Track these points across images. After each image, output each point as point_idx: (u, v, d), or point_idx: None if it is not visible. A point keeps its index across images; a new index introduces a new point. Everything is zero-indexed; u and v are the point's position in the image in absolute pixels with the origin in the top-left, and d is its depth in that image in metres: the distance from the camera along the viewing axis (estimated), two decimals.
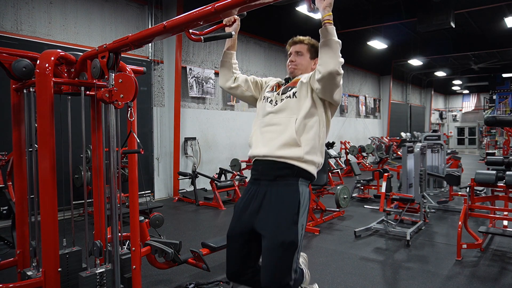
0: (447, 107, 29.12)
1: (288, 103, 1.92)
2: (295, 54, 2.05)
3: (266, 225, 1.83)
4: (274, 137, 1.88)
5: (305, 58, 2.04)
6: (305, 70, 2.03)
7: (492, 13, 11.34)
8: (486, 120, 4.77)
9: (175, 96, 7.91)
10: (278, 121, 1.91)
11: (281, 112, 1.93)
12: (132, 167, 2.63)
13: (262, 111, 2.05)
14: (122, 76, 2.01)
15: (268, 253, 1.80)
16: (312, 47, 2.06)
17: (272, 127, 1.92)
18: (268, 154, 1.87)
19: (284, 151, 1.84)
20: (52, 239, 2.17)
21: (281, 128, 1.88)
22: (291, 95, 1.93)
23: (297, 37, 2.08)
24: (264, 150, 1.89)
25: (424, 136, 8.36)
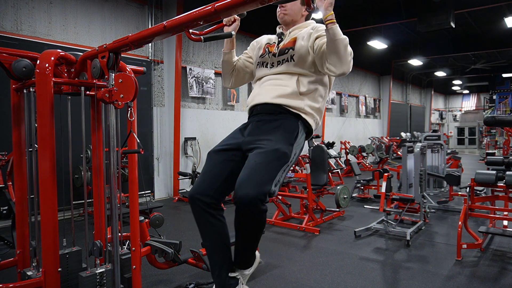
0: (447, 107, 29.12)
1: (288, 66, 1.85)
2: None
3: (259, 139, 1.75)
4: (274, 88, 1.83)
5: (295, 4, 1.93)
6: (295, 16, 1.94)
7: (492, 13, 11.34)
8: (485, 120, 4.76)
9: (175, 96, 7.91)
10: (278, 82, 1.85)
11: (280, 74, 1.87)
12: (132, 167, 2.63)
13: (259, 75, 1.97)
14: (122, 76, 2.01)
15: (256, 156, 1.68)
16: None
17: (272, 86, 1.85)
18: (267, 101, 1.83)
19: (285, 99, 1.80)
20: (52, 239, 2.17)
21: (282, 83, 1.83)
22: (289, 58, 1.85)
23: None
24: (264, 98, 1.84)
25: (424, 136, 8.36)
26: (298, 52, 1.83)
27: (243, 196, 1.56)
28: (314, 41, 1.82)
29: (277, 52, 1.90)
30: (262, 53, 2.00)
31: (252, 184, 1.57)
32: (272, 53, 1.92)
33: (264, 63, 1.95)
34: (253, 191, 1.55)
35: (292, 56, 1.84)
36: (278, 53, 1.89)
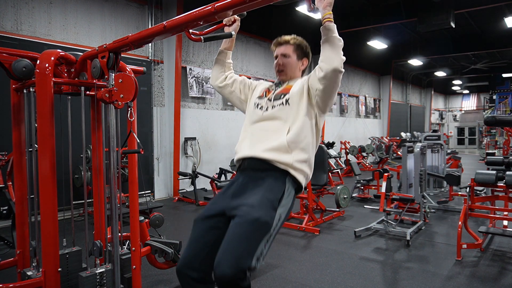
0: (447, 107, 29.13)
1: (281, 111, 1.79)
2: (281, 56, 1.92)
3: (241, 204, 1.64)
4: (263, 140, 1.76)
5: (292, 60, 1.91)
6: (293, 73, 1.91)
7: (492, 13, 11.34)
8: (485, 120, 4.77)
9: (175, 96, 7.91)
10: (269, 127, 1.78)
11: (273, 119, 1.80)
12: (132, 167, 2.64)
13: (251, 117, 1.90)
14: (122, 76, 2.01)
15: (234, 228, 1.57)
16: (298, 47, 1.95)
17: (262, 132, 1.78)
18: (255, 155, 1.74)
19: (273, 154, 1.71)
20: (52, 239, 2.17)
21: (272, 134, 1.76)
22: (284, 102, 1.80)
23: (281, 37, 1.95)
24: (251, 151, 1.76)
25: (424, 136, 8.36)
26: (293, 95, 1.80)
27: (221, 276, 1.47)
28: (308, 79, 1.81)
29: (273, 97, 1.87)
30: (260, 96, 1.96)
31: (230, 262, 1.47)
32: (268, 98, 1.89)
33: (260, 105, 1.90)
34: (231, 270, 1.45)
35: (287, 100, 1.80)
36: (273, 97, 1.87)
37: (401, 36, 14.24)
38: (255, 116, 1.88)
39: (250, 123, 1.91)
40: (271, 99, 1.87)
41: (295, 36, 1.95)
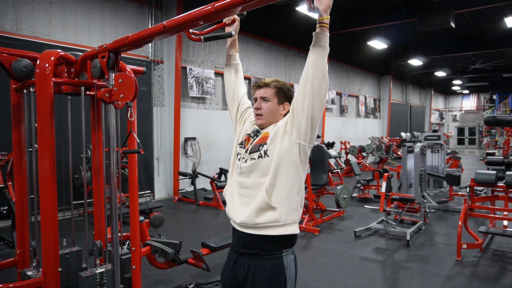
0: (447, 107, 29.13)
1: (259, 163, 1.68)
2: (260, 100, 1.75)
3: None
4: (247, 201, 1.70)
5: (272, 104, 1.75)
6: (273, 117, 1.76)
7: (492, 13, 11.34)
8: (486, 120, 4.77)
9: (175, 96, 7.91)
10: (249, 184, 1.70)
11: (251, 173, 1.71)
12: (132, 167, 2.64)
13: (235, 167, 1.84)
14: (122, 76, 2.01)
15: None
16: (279, 91, 1.77)
17: (244, 190, 1.72)
18: (244, 221, 1.68)
19: (260, 217, 1.64)
20: (52, 239, 2.17)
21: (253, 192, 1.68)
22: (262, 154, 1.68)
23: (261, 80, 1.80)
24: (240, 217, 1.70)
25: (424, 136, 8.36)
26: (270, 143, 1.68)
27: None
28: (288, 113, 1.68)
29: (250, 149, 1.75)
30: (241, 142, 1.85)
31: None
32: (245, 149, 1.77)
33: (239, 155, 1.81)
34: None
35: (266, 151, 1.67)
36: (250, 149, 1.74)
37: (401, 36, 14.25)
38: (237, 168, 1.81)
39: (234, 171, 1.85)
40: (248, 151, 1.75)
41: (277, 79, 1.80)
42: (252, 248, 1.69)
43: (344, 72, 14.94)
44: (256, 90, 1.81)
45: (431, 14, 9.74)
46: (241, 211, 1.70)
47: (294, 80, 12.09)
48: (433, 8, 9.65)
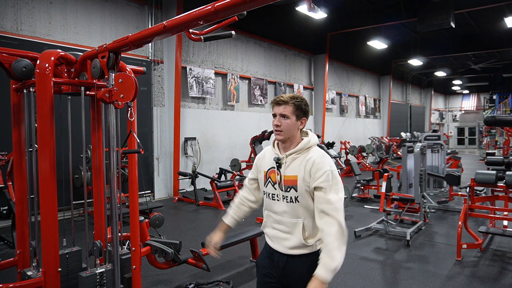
0: (447, 107, 29.14)
1: (292, 208, 1.82)
2: (280, 117, 1.82)
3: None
4: (283, 237, 1.86)
5: (291, 121, 1.82)
6: (291, 133, 1.84)
7: (492, 13, 11.35)
8: (485, 120, 4.77)
9: (175, 96, 7.91)
10: (285, 222, 1.85)
11: (285, 213, 1.84)
12: (132, 167, 2.63)
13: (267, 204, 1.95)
14: (122, 76, 2.01)
15: None
16: (298, 108, 1.83)
17: (280, 226, 1.87)
18: (283, 252, 1.86)
19: (294, 251, 1.83)
20: (52, 239, 2.17)
21: (288, 230, 1.84)
22: (293, 199, 1.81)
23: (280, 97, 1.85)
24: (279, 247, 1.88)
25: (424, 136, 8.36)
26: (301, 194, 1.79)
27: None
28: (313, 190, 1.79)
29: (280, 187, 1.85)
30: (264, 181, 1.93)
31: None
32: (274, 183, 1.87)
33: (269, 194, 1.90)
34: None
35: (296, 198, 1.80)
36: (280, 188, 1.85)
37: (401, 36, 14.25)
38: (269, 205, 1.92)
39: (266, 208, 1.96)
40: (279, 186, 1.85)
41: (294, 95, 1.86)
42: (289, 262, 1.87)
43: (344, 72, 14.94)
44: (274, 106, 1.85)
45: (431, 14, 9.74)
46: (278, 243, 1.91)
47: (294, 80, 12.09)
48: (433, 8, 9.65)
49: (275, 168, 1.86)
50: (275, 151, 1.90)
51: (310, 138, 1.87)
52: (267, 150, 1.99)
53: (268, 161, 1.93)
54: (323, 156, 1.81)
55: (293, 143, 1.85)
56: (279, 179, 1.84)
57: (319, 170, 1.74)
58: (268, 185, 1.89)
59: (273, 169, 1.88)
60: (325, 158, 1.79)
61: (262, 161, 1.99)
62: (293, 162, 1.82)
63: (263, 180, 1.93)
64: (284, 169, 1.83)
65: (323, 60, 12.88)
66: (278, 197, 1.85)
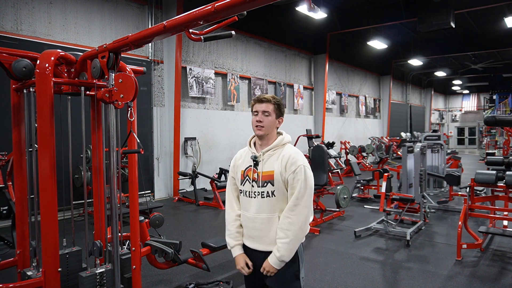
0: (447, 107, 29.14)
1: (268, 203, 1.91)
2: (262, 113, 1.93)
3: (274, 283, 1.97)
4: (261, 235, 1.93)
5: (272, 118, 1.94)
6: (271, 129, 1.96)
7: (492, 13, 11.35)
8: (485, 120, 4.77)
9: (175, 96, 7.91)
10: (260, 220, 1.91)
11: (260, 210, 1.91)
12: (132, 167, 2.63)
13: (243, 202, 2.01)
14: (122, 76, 2.01)
15: None
16: (278, 107, 1.97)
17: (255, 225, 1.93)
18: (262, 250, 1.94)
19: (273, 246, 1.90)
20: (52, 239, 2.17)
21: (264, 227, 1.91)
22: (270, 193, 1.90)
23: (262, 95, 1.97)
24: (257, 246, 1.95)
25: (424, 136, 8.36)
26: (277, 188, 1.89)
27: None
28: (287, 180, 1.90)
29: (257, 183, 1.93)
30: (241, 180, 2.00)
31: None
32: (252, 180, 1.94)
33: (246, 192, 1.96)
34: None
35: (273, 192, 1.90)
36: (257, 184, 1.93)
37: (401, 36, 14.25)
38: (245, 204, 1.98)
39: (243, 208, 2.01)
40: (256, 182, 1.93)
41: (274, 96, 1.98)
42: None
43: (344, 72, 14.94)
44: (256, 104, 1.97)
45: (431, 14, 9.74)
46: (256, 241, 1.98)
47: (294, 80, 12.09)
48: (433, 8, 9.65)
49: (252, 166, 1.95)
50: (251, 150, 2.00)
51: (284, 136, 2.00)
52: (243, 151, 2.09)
53: (245, 161, 2.02)
54: (298, 152, 1.94)
55: (270, 141, 1.97)
56: (256, 176, 1.93)
57: (293, 164, 1.88)
58: (246, 183, 1.97)
59: (250, 167, 1.96)
60: (299, 155, 1.93)
61: (238, 161, 2.07)
62: (269, 158, 1.94)
63: (240, 179, 2.00)
64: (262, 166, 1.93)
65: (323, 60, 12.89)
66: (255, 194, 1.93)
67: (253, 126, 1.96)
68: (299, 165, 1.88)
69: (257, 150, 1.99)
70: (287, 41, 11.52)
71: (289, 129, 11.64)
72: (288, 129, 11.59)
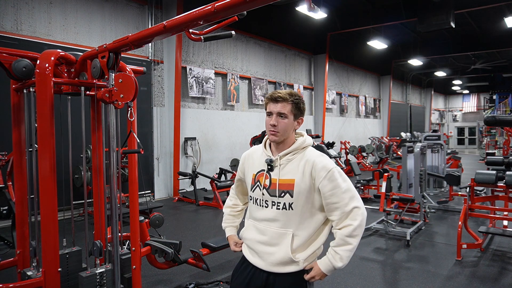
0: (447, 107, 29.14)
1: (284, 216, 1.61)
2: (277, 116, 1.60)
3: None
4: (267, 250, 1.64)
5: (289, 121, 1.61)
6: (287, 134, 1.63)
7: (492, 13, 11.35)
8: (485, 120, 4.77)
9: (175, 96, 7.91)
10: (270, 233, 1.63)
11: (273, 222, 1.63)
12: (132, 167, 2.63)
13: (252, 211, 1.74)
14: (122, 76, 2.01)
15: None
16: (296, 106, 1.63)
17: (263, 238, 1.65)
18: (264, 268, 1.65)
19: (281, 268, 1.63)
20: (52, 239, 2.17)
21: (273, 242, 1.62)
22: (286, 206, 1.60)
23: (277, 92, 1.63)
24: (260, 263, 1.66)
25: (424, 136, 8.36)
26: (296, 200, 1.59)
27: None
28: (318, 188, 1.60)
29: (270, 192, 1.64)
30: (252, 185, 1.71)
31: None
32: (264, 188, 1.65)
33: (257, 200, 1.68)
34: None
35: (291, 204, 1.60)
36: (270, 193, 1.63)
37: (401, 36, 14.25)
38: (255, 213, 1.71)
39: (253, 214, 1.74)
40: (268, 190, 1.64)
41: (292, 92, 1.64)
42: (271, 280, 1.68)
43: (344, 72, 14.94)
44: (270, 103, 1.64)
45: (431, 14, 9.74)
46: (261, 258, 1.70)
47: (294, 80, 12.09)
48: (433, 8, 9.65)
49: (265, 171, 1.67)
50: (266, 153, 1.70)
51: (305, 138, 1.70)
52: (256, 150, 1.79)
53: (257, 162, 1.73)
54: (322, 155, 1.65)
55: (287, 144, 1.67)
56: (268, 183, 1.64)
57: (322, 170, 1.58)
58: (256, 189, 1.68)
59: (262, 172, 1.68)
60: (324, 157, 1.64)
61: (249, 161, 1.79)
62: (288, 164, 1.64)
63: (251, 184, 1.72)
64: (279, 172, 1.64)
65: (323, 60, 12.89)
66: (267, 203, 1.64)
67: (267, 129, 1.65)
68: (330, 169, 1.58)
69: (272, 153, 1.69)
70: (287, 41, 11.52)
71: None
72: None
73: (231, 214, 1.95)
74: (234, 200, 1.97)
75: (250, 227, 1.72)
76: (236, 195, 1.97)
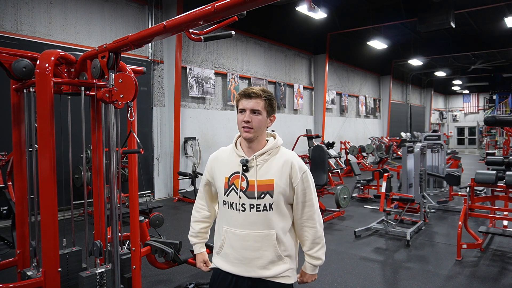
0: (447, 107, 29.14)
1: (265, 218, 1.57)
2: (250, 112, 1.58)
3: None
4: (253, 256, 1.58)
5: (263, 118, 1.60)
6: (261, 131, 1.61)
7: (492, 13, 11.35)
8: (485, 120, 4.77)
9: (175, 96, 7.91)
10: (253, 237, 1.58)
11: (254, 225, 1.58)
12: (132, 167, 2.63)
13: (228, 216, 1.64)
14: (122, 76, 2.01)
15: None
16: (269, 103, 1.62)
17: (247, 243, 1.58)
18: (249, 275, 1.59)
19: (271, 271, 1.59)
20: (52, 239, 2.17)
21: (259, 246, 1.58)
22: (267, 207, 1.57)
23: (250, 89, 1.60)
24: (243, 270, 1.60)
25: (424, 136, 8.36)
26: (276, 200, 1.58)
27: None
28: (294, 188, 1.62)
29: (247, 194, 1.58)
30: (226, 189, 1.63)
31: None
32: (240, 190, 1.59)
33: (232, 204, 1.60)
34: None
35: (271, 205, 1.57)
36: (248, 195, 1.58)
37: (401, 36, 14.25)
38: (231, 219, 1.63)
39: (225, 221, 1.66)
40: (246, 192, 1.59)
41: (264, 89, 1.64)
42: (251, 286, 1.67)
43: (344, 72, 14.94)
44: (243, 99, 1.61)
45: (431, 14, 9.74)
46: (247, 264, 1.66)
47: (294, 80, 12.09)
48: (433, 8, 9.65)
49: (240, 172, 1.61)
50: (238, 153, 1.65)
51: (278, 138, 1.69)
52: (224, 151, 1.73)
53: (228, 164, 1.66)
54: (296, 156, 1.68)
55: (260, 143, 1.64)
56: (245, 185, 1.59)
57: (299, 170, 1.61)
58: (231, 193, 1.61)
59: (237, 174, 1.61)
60: (300, 159, 1.67)
61: (218, 163, 1.71)
62: (265, 164, 1.61)
63: (223, 187, 1.64)
64: (256, 173, 1.59)
65: (323, 60, 12.89)
66: (244, 206, 1.58)
67: (239, 127, 1.62)
68: (305, 170, 1.63)
69: (245, 154, 1.64)
70: (287, 41, 11.52)
71: (289, 129, 11.64)
72: (288, 129, 11.59)
73: (203, 228, 1.85)
74: (204, 212, 1.84)
75: (228, 236, 1.64)
76: (205, 203, 1.83)
